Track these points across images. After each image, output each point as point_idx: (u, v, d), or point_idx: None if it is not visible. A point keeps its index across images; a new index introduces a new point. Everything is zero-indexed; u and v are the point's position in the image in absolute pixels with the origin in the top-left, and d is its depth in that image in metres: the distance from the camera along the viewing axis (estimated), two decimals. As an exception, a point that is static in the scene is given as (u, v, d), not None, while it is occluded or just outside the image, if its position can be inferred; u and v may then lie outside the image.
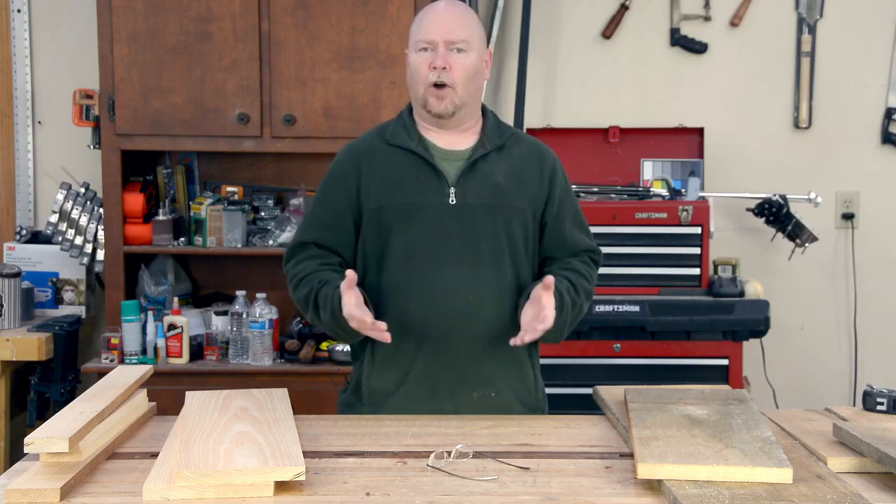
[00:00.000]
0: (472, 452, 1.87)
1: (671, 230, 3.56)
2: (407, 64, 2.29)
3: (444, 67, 2.19)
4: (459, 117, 2.26)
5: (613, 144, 3.93)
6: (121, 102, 3.52)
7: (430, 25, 2.22)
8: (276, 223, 3.69)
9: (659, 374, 3.42)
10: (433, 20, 2.23)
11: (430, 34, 2.21)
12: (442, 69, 2.19)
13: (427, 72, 2.21)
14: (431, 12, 2.25)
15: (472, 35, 2.23)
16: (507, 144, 2.30)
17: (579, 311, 2.28)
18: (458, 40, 2.21)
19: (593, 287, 2.35)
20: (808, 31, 3.97)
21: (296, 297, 2.27)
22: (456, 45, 2.21)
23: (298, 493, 1.68)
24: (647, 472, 1.68)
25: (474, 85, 2.26)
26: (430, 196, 2.23)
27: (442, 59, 2.19)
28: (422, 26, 2.24)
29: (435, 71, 2.20)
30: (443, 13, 2.23)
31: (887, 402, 2.11)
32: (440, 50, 2.20)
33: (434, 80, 2.20)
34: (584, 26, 4.02)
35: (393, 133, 2.30)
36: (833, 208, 4.00)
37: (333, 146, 3.39)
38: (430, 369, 2.23)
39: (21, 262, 3.78)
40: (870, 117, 4.00)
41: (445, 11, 2.24)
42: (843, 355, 4.06)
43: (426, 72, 2.21)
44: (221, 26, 3.50)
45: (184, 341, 3.47)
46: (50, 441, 1.73)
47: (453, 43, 2.20)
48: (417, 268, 2.22)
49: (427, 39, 2.21)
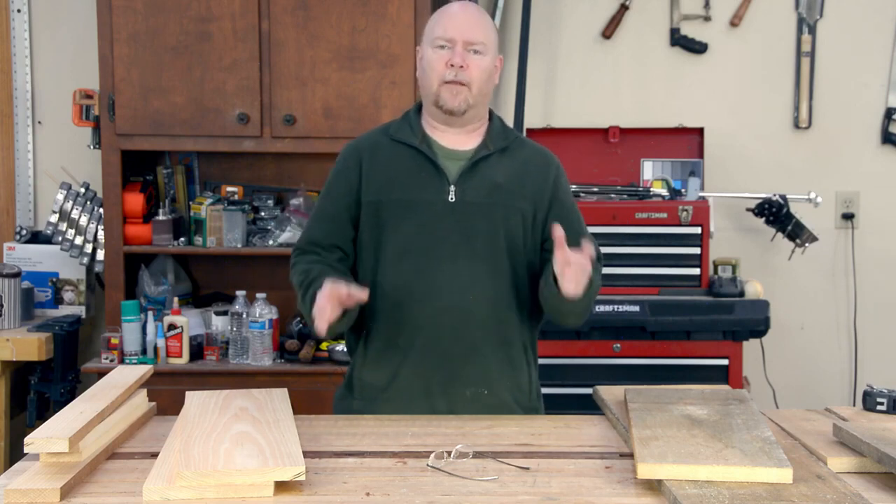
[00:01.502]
0: (472, 452, 1.87)
1: (671, 230, 3.55)
2: (420, 59, 2.31)
3: (462, 66, 2.21)
4: (469, 117, 2.28)
5: (613, 144, 3.93)
6: (121, 102, 3.52)
7: (450, 23, 2.24)
8: (276, 223, 3.69)
9: (659, 374, 3.42)
10: (453, 18, 2.25)
11: (450, 32, 2.23)
12: (459, 67, 2.22)
13: (443, 69, 2.23)
14: (451, 11, 2.27)
15: (489, 38, 2.27)
16: (510, 147, 2.32)
17: (597, 288, 2.26)
18: (477, 42, 2.23)
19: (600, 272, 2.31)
20: (808, 31, 3.97)
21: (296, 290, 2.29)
22: (474, 47, 2.23)
23: (298, 493, 1.68)
24: (647, 472, 1.68)
25: (487, 87, 2.29)
26: (430, 193, 2.25)
27: (460, 58, 2.22)
28: (441, 23, 2.26)
29: (452, 69, 2.22)
30: (463, 13, 2.26)
31: (887, 402, 2.11)
32: (458, 49, 2.22)
33: (450, 78, 2.22)
34: (584, 26, 4.02)
35: (397, 130, 2.32)
36: (833, 208, 4.00)
37: (333, 146, 3.40)
38: (422, 366, 2.25)
39: (21, 262, 3.79)
40: (870, 117, 4.00)
41: (466, 12, 2.27)
42: (843, 355, 4.06)
43: (442, 69, 2.23)
44: (221, 26, 3.50)
45: (184, 341, 3.47)
46: (50, 441, 1.73)
47: (472, 44, 2.23)
48: (412, 264, 2.23)
49: (446, 37, 2.23)
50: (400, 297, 2.24)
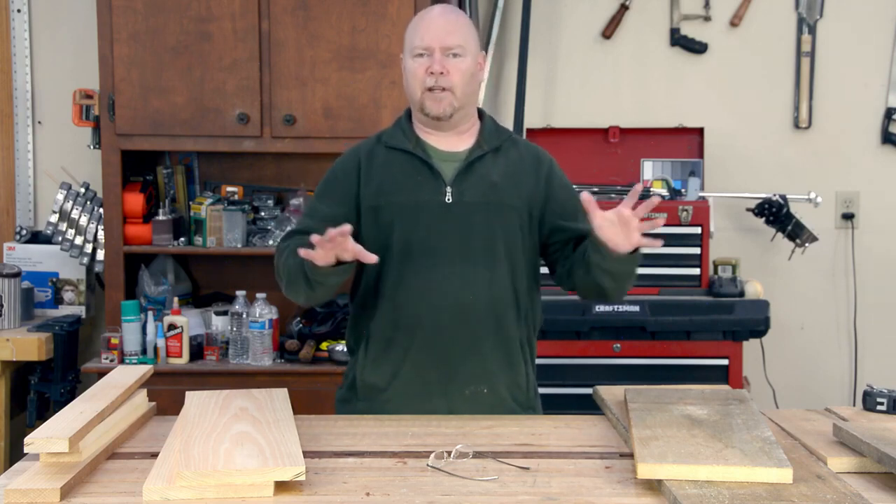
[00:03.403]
0: (472, 452, 1.87)
1: (671, 230, 3.55)
2: (403, 69, 2.33)
3: (442, 72, 2.23)
4: (456, 119, 2.30)
5: (613, 144, 3.93)
6: (121, 102, 3.52)
7: (426, 32, 2.25)
8: (276, 223, 3.69)
9: (659, 374, 3.42)
10: (428, 26, 2.26)
11: (426, 40, 2.24)
12: (440, 74, 2.23)
13: (424, 76, 2.25)
14: (426, 19, 2.28)
15: (466, 40, 2.27)
16: (503, 146, 2.33)
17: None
18: (454, 45, 2.25)
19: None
20: (808, 31, 3.97)
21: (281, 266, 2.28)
22: (452, 51, 2.25)
23: (298, 493, 1.68)
24: (647, 472, 1.68)
25: (471, 87, 2.30)
26: (427, 194, 2.26)
27: (439, 65, 2.23)
28: (417, 32, 2.27)
29: (432, 76, 2.23)
30: (437, 19, 2.27)
31: (887, 402, 2.11)
32: (436, 55, 2.24)
33: (431, 85, 2.24)
34: (584, 26, 4.02)
35: (390, 137, 2.34)
36: (833, 208, 4.00)
37: (333, 146, 3.41)
38: (421, 365, 2.26)
39: (21, 262, 3.78)
40: (870, 117, 4.00)
41: (440, 17, 2.27)
42: (843, 355, 4.06)
43: (423, 76, 2.25)
44: (221, 26, 3.50)
45: (184, 341, 3.47)
46: (50, 441, 1.73)
47: (449, 48, 2.24)
48: (411, 264, 2.25)
49: (423, 45, 2.25)
50: (400, 298, 2.26)
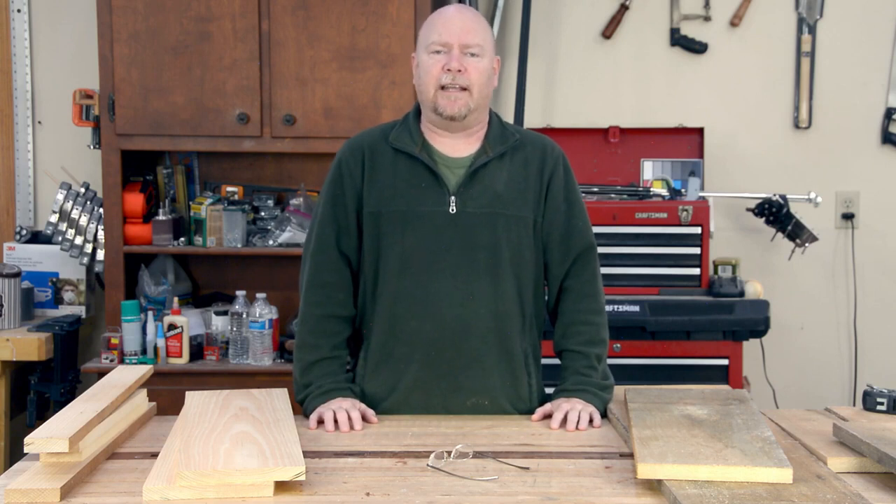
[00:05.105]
0: (472, 452, 1.87)
1: (671, 230, 3.55)
2: (415, 65, 2.26)
3: (460, 70, 2.17)
4: (470, 121, 2.23)
5: (613, 144, 3.93)
6: (121, 102, 3.52)
7: (446, 28, 2.19)
8: (276, 223, 3.69)
9: (659, 374, 3.42)
10: (448, 23, 2.20)
11: (445, 36, 2.18)
12: (458, 72, 2.17)
13: (439, 73, 2.18)
14: (445, 15, 2.22)
15: (485, 41, 2.22)
16: (509, 151, 2.27)
17: (603, 347, 2.29)
18: (474, 44, 2.19)
19: (602, 306, 2.32)
20: (808, 31, 3.97)
21: (296, 358, 2.29)
22: (470, 49, 2.19)
23: (298, 493, 1.68)
24: (647, 472, 1.68)
25: (487, 90, 2.24)
26: (430, 204, 2.21)
27: (457, 62, 2.17)
28: (435, 28, 2.21)
29: (449, 73, 2.17)
30: (458, 16, 2.21)
31: (887, 402, 2.11)
32: (455, 52, 2.18)
33: (445, 83, 2.18)
34: (584, 26, 4.02)
35: (397, 136, 2.26)
36: (833, 208, 4.00)
37: (333, 146, 3.38)
38: (422, 377, 2.22)
39: (21, 262, 3.78)
40: (870, 117, 4.00)
41: (460, 15, 2.22)
42: (843, 355, 4.06)
43: (438, 73, 2.18)
44: (221, 26, 3.50)
45: (184, 341, 3.47)
46: (50, 441, 1.73)
47: (468, 47, 2.18)
48: (413, 276, 2.20)
49: (441, 41, 2.18)
50: (400, 310, 2.21)
